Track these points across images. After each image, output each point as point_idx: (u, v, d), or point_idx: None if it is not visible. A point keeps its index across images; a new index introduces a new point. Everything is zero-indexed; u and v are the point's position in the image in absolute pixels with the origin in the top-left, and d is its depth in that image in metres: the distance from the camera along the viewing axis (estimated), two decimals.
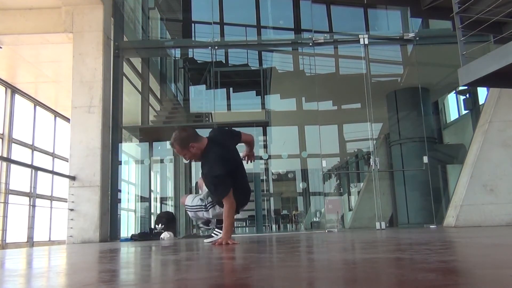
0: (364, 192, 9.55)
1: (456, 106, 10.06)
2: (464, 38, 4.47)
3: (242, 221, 10.28)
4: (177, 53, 9.74)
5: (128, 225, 8.74)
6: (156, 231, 6.71)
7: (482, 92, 8.06)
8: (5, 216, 6.62)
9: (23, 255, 3.25)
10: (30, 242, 5.41)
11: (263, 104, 10.23)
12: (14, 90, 8.73)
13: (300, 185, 11.80)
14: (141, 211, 9.29)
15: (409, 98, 9.05)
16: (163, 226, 6.77)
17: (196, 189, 4.11)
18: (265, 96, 10.23)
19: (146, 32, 9.77)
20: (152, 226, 7.17)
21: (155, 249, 3.37)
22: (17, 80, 8.61)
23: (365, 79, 7.37)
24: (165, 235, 6.37)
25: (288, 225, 11.29)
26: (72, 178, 6.27)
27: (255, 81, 10.31)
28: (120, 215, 7.01)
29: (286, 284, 1.11)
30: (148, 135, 8.84)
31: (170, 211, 8.69)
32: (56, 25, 6.71)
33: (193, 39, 10.06)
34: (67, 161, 6.58)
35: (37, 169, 6.14)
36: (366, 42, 7.40)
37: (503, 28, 4.92)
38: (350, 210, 11.19)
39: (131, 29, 8.58)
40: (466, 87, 8.17)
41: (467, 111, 9.11)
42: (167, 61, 10.32)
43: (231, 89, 10.46)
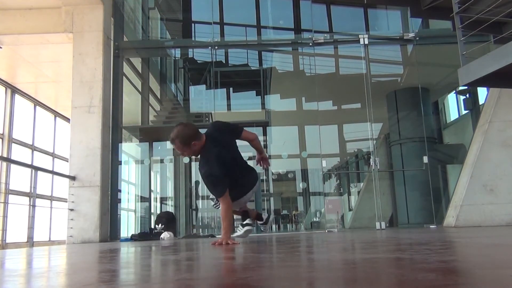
0: (364, 192, 9.55)
1: (456, 106, 10.06)
2: (464, 38, 4.47)
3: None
4: (177, 53, 9.74)
5: (128, 225, 8.74)
6: (156, 231, 6.71)
7: (482, 92, 8.06)
8: (5, 216, 6.61)
9: (23, 255, 3.24)
10: (30, 242, 5.41)
11: (263, 104, 10.24)
12: (14, 90, 8.72)
13: (300, 185, 11.79)
14: (141, 211, 9.29)
15: (409, 98, 9.05)
16: (163, 226, 6.77)
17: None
18: (265, 96, 10.23)
19: (146, 32, 9.77)
20: (152, 226, 7.17)
21: (155, 249, 3.37)
22: (17, 80, 8.60)
23: (365, 79, 7.38)
24: (165, 235, 6.37)
25: (288, 225, 11.28)
26: (72, 178, 6.27)
27: (255, 81, 10.31)
28: (120, 215, 7.01)
29: (286, 284, 1.10)
30: (148, 135, 8.84)
31: (170, 211, 8.69)
32: (56, 25, 6.71)
33: (193, 39, 10.06)
34: (67, 161, 6.58)
35: (37, 169, 6.13)
36: (366, 42, 7.40)
37: (503, 28, 4.92)
38: (350, 210, 11.19)
39: (131, 29, 8.58)
40: (466, 87, 8.17)
41: (467, 111, 9.10)
42: (167, 61, 10.32)
43: (231, 89, 10.46)
